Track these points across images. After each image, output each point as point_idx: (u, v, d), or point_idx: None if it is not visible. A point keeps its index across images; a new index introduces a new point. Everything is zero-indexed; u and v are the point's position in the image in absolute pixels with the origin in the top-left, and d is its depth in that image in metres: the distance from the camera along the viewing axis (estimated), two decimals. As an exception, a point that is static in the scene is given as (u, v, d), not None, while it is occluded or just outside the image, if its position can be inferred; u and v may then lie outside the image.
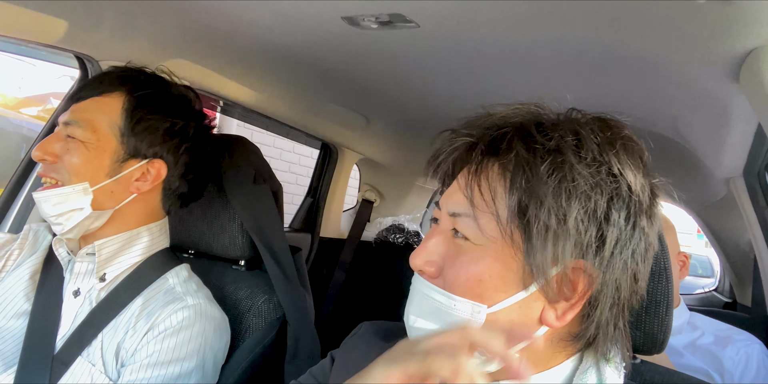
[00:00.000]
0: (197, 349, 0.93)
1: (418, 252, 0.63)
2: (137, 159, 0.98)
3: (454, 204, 0.62)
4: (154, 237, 1.04)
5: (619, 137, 0.60)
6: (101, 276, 0.98)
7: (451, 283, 0.60)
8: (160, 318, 0.93)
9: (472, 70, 1.33)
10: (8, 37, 1.13)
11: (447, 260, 0.61)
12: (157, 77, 1.05)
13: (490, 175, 0.59)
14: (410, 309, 0.63)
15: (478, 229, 0.58)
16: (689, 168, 1.79)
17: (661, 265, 0.77)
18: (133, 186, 0.99)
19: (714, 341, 1.38)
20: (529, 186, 0.56)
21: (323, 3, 1.05)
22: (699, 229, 2.69)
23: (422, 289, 0.62)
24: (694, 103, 1.23)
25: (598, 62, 1.14)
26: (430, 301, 0.60)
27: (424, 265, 0.62)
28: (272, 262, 1.17)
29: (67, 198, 0.94)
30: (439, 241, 0.63)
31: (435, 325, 0.60)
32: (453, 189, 0.64)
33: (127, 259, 1.00)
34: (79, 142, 0.95)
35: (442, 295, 0.60)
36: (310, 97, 1.75)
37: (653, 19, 0.89)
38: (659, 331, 0.77)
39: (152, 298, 0.97)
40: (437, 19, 1.05)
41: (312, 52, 1.36)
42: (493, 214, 0.57)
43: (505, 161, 0.58)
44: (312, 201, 2.31)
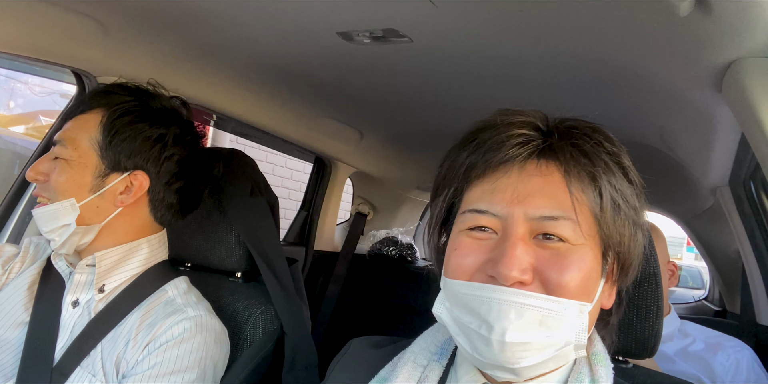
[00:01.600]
0: (198, 361, 0.93)
1: (510, 262, 0.58)
2: (118, 172, 0.99)
3: (542, 206, 0.60)
4: (154, 249, 1.05)
5: None
6: (100, 287, 0.98)
7: (560, 286, 0.58)
8: (161, 330, 0.93)
9: (465, 84, 1.36)
10: (6, 53, 1.14)
11: (544, 265, 0.59)
12: (140, 90, 1.05)
13: (579, 175, 0.61)
14: (504, 324, 0.57)
15: (579, 230, 0.60)
16: (677, 178, 1.82)
17: (651, 270, 0.79)
18: (117, 200, 0.99)
19: (705, 348, 1.40)
20: (614, 184, 0.62)
21: (318, 19, 1.07)
22: (689, 241, 2.73)
23: (520, 300, 0.57)
24: (680, 115, 1.26)
25: (585, 75, 1.17)
26: (533, 311, 0.57)
27: (521, 274, 0.58)
28: (269, 274, 1.18)
29: (56, 214, 0.96)
30: (523, 248, 0.59)
31: (540, 335, 0.57)
32: (530, 189, 0.60)
33: (126, 271, 1.01)
34: (63, 161, 0.97)
35: (551, 301, 0.58)
36: (304, 111, 1.77)
37: (637, 33, 0.92)
38: (650, 335, 0.79)
39: (152, 310, 0.98)
40: (430, 34, 1.08)
41: (306, 67, 1.38)
42: (594, 213, 0.61)
43: (586, 161, 0.62)
44: (306, 214, 2.32)
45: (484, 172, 0.63)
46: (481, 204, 0.62)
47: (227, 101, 1.59)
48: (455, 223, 0.66)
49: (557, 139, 0.62)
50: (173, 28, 1.22)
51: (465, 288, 0.60)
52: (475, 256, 0.61)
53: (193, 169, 1.08)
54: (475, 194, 0.64)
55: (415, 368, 0.70)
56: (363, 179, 2.53)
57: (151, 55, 1.31)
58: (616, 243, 0.62)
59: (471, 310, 0.60)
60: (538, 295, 0.58)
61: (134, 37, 1.25)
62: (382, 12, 1.00)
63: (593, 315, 0.62)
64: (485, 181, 0.63)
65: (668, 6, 0.76)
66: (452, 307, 0.63)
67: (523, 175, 0.61)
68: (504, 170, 0.62)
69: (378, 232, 2.58)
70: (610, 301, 0.66)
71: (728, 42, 0.81)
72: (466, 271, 0.61)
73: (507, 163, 0.62)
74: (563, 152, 0.62)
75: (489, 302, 0.58)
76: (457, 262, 0.62)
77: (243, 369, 1.08)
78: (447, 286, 0.63)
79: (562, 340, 0.58)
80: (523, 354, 0.58)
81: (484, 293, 0.59)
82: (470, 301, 0.60)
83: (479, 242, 0.62)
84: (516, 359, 0.58)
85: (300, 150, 2.16)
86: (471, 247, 0.62)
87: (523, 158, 0.62)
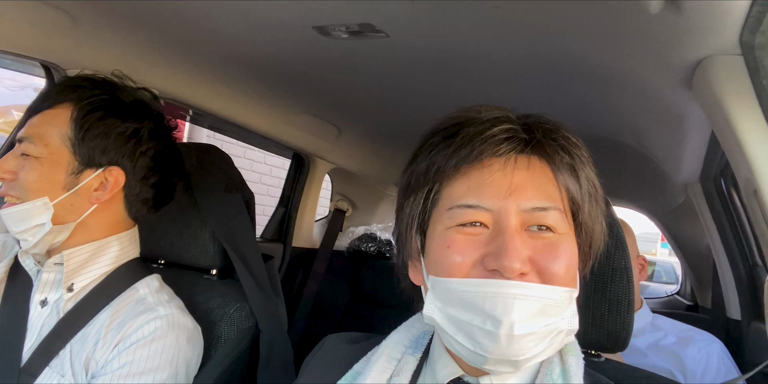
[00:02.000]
0: (170, 360, 0.92)
1: (513, 255, 0.58)
2: (92, 168, 0.96)
3: (537, 200, 0.61)
4: (124, 246, 1.03)
5: None
6: (69, 286, 0.96)
7: (554, 273, 0.60)
8: (131, 329, 0.91)
9: (441, 80, 1.36)
10: (-28, 46, 1.11)
11: (539, 255, 0.60)
12: (108, 83, 1.02)
13: (563, 168, 0.64)
14: (511, 317, 0.57)
15: (565, 220, 0.62)
16: (649, 175, 1.85)
17: (622, 265, 0.80)
18: (92, 197, 0.96)
19: (676, 341, 1.42)
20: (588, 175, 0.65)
21: (294, 12, 1.06)
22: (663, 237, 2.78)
23: (523, 292, 0.58)
24: (652, 112, 1.28)
25: (559, 72, 1.18)
26: (535, 302, 0.58)
27: (523, 266, 0.59)
28: (244, 270, 1.16)
29: (28, 214, 0.92)
30: (521, 240, 0.60)
31: (541, 324, 0.58)
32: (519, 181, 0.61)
33: (95, 269, 0.98)
34: (33, 159, 0.93)
35: (549, 290, 0.59)
36: (282, 107, 1.76)
37: (609, 31, 0.93)
38: (621, 329, 0.80)
39: (122, 309, 0.95)
40: (406, 29, 1.07)
41: (283, 62, 1.37)
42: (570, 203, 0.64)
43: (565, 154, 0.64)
44: (284, 211, 2.31)
45: (469, 168, 0.63)
46: (470, 199, 0.62)
47: (203, 96, 1.56)
48: (438, 221, 0.64)
49: (541, 135, 0.64)
50: (146, 21, 1.20)
51: (463, 285, 0.60)
52: (469, 252, 0.61)
53: (168, 163, 1.06)
54: (459, 190, 0.63)
55: (389, 362, 0.71)
56: (341, 176, 2.53)
57: (122, 48, 1.29)
58: (590, 230, 0.66)
59: (472, 306, 0.59)
60: (538, 286, 0.59)
61: (105, 29, 1.22)
62: (358, 6, 1.00)
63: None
64: (471, 176, 0.63)
65: (639, 4, 0.77)
66: (445, 306, 0.62)
67: (508, 169, 0.62)
68: (489, 165, 0.62)
69: (357, 229, 2.57)
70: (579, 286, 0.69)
71: (698, 39, 0.82)
72: (462, 268, 0.61)
73: (497, 158, 0.62)
74: (547, 146, 0.63)
75: (494, 297, 0.58)
76: (451, 259, 0.61)
77: (217, 367, 1.07)
78: (438, 285, 0.62)
79: (558, 327, 0.60)
80: (529, 345, 0.58)
81: (488, 288, 0.58)
82: (470, 297, 0.59)
83: (472, 238, 0.61)
84: (523, 351, 0.58)
85: (278, 146, 2.14)
86: (464, 243, 0.61)
87: (514, 153, 0.63)
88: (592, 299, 0.80)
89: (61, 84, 1.01)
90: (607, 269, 0.80)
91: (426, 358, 0.72)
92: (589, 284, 0.79)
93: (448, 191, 0.64)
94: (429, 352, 0.73)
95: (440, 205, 0.65)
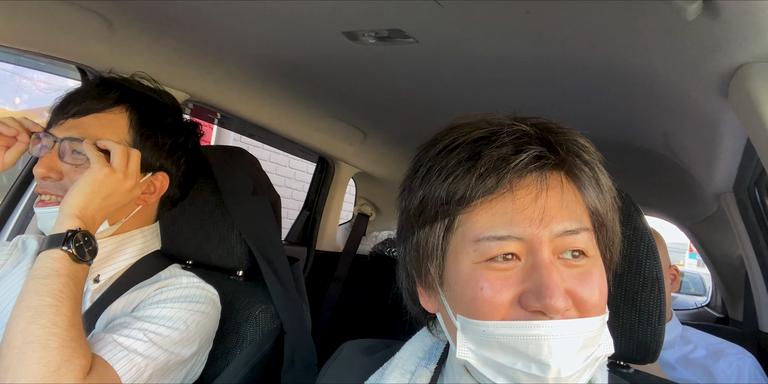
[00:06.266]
0: (190, 312, 0.94)
1: (557, 293, 0.53)
2: (143, 173, 1.00)
3: (568, 222, 0.56)
4: (147, 239, 1.07)
5: None
6: (95, 277, 0.99)
7: (591, 305, 0.56)
8: (153, 291, 0.96)
9: (469, 86, 1.36)
10: (13, 48, 1.14)
11: (575, 286, 0.56)
12: (149, 88, 1.06)
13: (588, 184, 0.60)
14: (559, 361, 0.53)
15: (593, 239, 0.59)
16: (680, 183, 1.81)
17: (654, 275, 0.79)
18: (140, 198, 1.01)
19: (706, 355, 1.39)
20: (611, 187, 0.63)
21: (324, 18, 1.07)
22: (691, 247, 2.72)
23: (566, 332, 0.54)
24: (685, 119, 1.25)
25: (590, 78, 1.17)
26: (579, 339, 0.54)
27: (566, 302, 0.54)
28: (270, 272, 1.17)
29: None
30: (558, 273, 0.55)
31: (583, 358, 0.55)
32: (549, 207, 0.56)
33: (120, 261, 1.02)
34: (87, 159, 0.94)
35: (589, 323, 0.55)
36: (308, 111, 1.77)
37: (644, 36, 0.92)
38: (652, 340, 0.78)
39: (144, 287, 0.99)
40: (435, 35, 1.07)
41: (311, 66, 1.38)
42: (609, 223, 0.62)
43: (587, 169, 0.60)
44: (308, 214, 2.32)
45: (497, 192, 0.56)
46: (499, 229, 0.55)
47: (231, 99, 1.59)
48: (462, 253, 0.58)
49: (562, 150, 0.58)
50: (178, 26, 1.23)
51: (502, 329, 0.55)
52: (505, 291, 0.55)
53: (196, 168, 1.12)
54: (483, 218, 0.57)
55: (403, 375, 0.70)
56: (366, 180, 2.53)
57: (155, 51, 1.32)
58: (611, 243, 0.63)
59: (513, 350, 0.55)
60: (579, 321, 0.54)
61: (139, 33, 1.25)
62: (387, 12, 1.00)
63: None
64: (495, 202, 0.56)
65: (675, 9, 0.76)
66: (480, 349, 0.57)
67: (533, 192, 0.56)
68: (521, 189, 0.56)
69: (380, 233, 2.58)
70: None
71: (735, 46, 0.80)
72: (500, 310, 0.55)
73: (526, 180, 0.56)
74: (573, 166, 0.59)
75: (537, 340, 0.53)
76: (485, 301, 0.55)
77: (242, 367, 1.08)
78: (471, 327, 0.57)
79: (598, 355, 0.57)
80: (576, 380, 0.55)
81: (531, 331, 0.54)
82: (511, 342, 0.54)
83: (505, 274, 0.56)
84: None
85: (303, 150, 2.16)
86: (498, 282, 0.55)
87: (544, 177, 0.57)
88: (622, 309, 0.78)
89: (106, 86, 1.02)
90: (638, 279, 0.79)
91: (440, 370, 0.71)
92: (619, 294, 0.78)
93: (469, 219, 0.57)
94: (444, 364, 0.72)
95: (461, 234, 0.58)
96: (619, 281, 0.75)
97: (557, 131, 0.60)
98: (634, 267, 0.76)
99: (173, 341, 0.88)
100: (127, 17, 1.19)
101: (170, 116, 1.06)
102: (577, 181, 0.59)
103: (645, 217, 0.80)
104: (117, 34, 1.22)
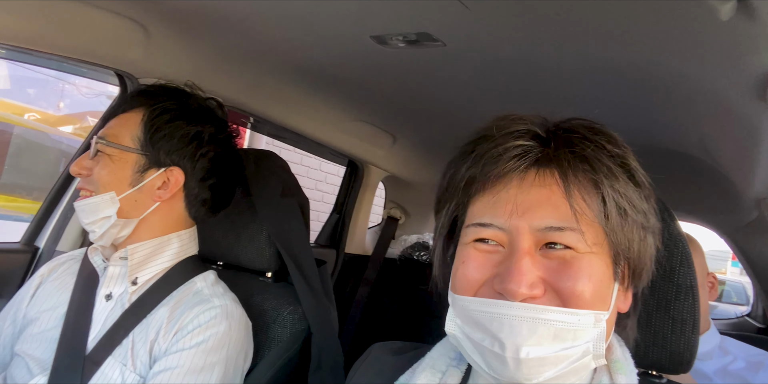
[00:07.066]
0: (222, 345, 0.97)
1: (517, 279, 0.56)
2: (156, 168, 1.03)
3: (546, 217, 0.58)
4: (184, 244, 1.09)
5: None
6: (133, 280, 1.02)
7: (573, 293, 0.57)
8: (188, 318, 0.97)
9: (498, 88, 1.35)
10: (52, 55, 1.19)
11: (554, 275, 0.58)
12: (178, 91, 1.10)
13: (581, 183, 0.59)
14: (517, 340, 0.56)
15: (584, 240, 0.58)
16: (718, 189, 1.76)
17: (687, 282, 0.76)
18: (155, 195, 1.04)
19: (746, 366, 1.34)
20: (619, 189, 0.60)
21: (353, 23, 1.08)
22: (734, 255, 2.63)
23: (531, 315, 0.56)
24: (722, 122, 1.22)
25: (623, 80, 1.14)
26: (548, 325, 0.56)
27: (531, 289, 0.56)
28: (298, 274, 1.19)
29: (97, 206, 1.00)
30: (531, 262, 0.58)
31: (555, 348, 0.56)
32: (534, 199, 0.59)
33: (157, 264, 1.05)
34: (105, 156, 1.02)
35: (564, 313, 0.56)
36: (338, 114, 1.79)
37: (677, 37, 0.90)
38: (685, 350, 0.76)
39: (182, 300, 1.01)
40: (463, 38, 1.07)
41: (341, 70, 1.40)
42: (600, 222, 0.59)
43: (587, 167, 0.60)
44: (338, 217, 2.33)
45: (483, 185, 0.62)
46: (484, 217, 0.61)
47: (263, 104, 1.61)
48: (461, 237, 0.64)
49: (555, 148, 0.60)
50: (211, 32, 1.25)
51: (474, 304, 0.59)
52: (482, 269, 0.60)
53: (226, 167, 1.12)
54: (477, 207, 0.63)
55: (434, 374, 0.70)
56: (395, 183, 2.53)
57: (190, 57, 1.35)
58: (625, 249, 0.60)
59: (482, 326, 0.58)
60: (551, 309, 0.56)
61: (174, 40, 1.28)
62: (415, 16, 1.01)
63: (611, 322, 0.60)
64: (486, 194, 0.62)
65: (709, 10, 0.74)
66: (463, 323, 0.61)
67: (524, 186, 0.60)
68: (504, 183, 0.61)
69: (409, 237, 2.57)
70: (626, 304, 0.65)
71: (773, 47, 0.78)
72: (473, 285, 0.60)
73: (506, 176, 0.60)
74: (562, 160, 0.60)
75: (500, 319, 0.57)
76: (463, 275, 0.61)
77: (269, 368, 1.09)
78: (456, 302, 0.62)
79: (579, 352, 0.57)
80: (540, 369, 0.56)
81: (494, 309, 0.57)
82: (480, 317, 0.58)
83: (487, 255, 0.61)
84: (533, 375, 0.56)
85: (333, 153, 2.18)
86: (479, 260, 0.61)
87: (521, 170, 0.60)
88: (654, 318, 0.76)
89: (136, 91, 1.11)
90: (671, 287, 0.76)
91: (471, 370, 0.71)
92: (651, 302, 0.76)
93: (470, 208, 0.64)
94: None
95: (464, 221, 0.64)
96: (652, 289, 0.73)
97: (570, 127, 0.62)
98: (668, 274, 0.74)
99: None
100: (162, 24, 1.23)
101: (186, 113, 1.07)
102: (564, 178, 0.59)
103: (679, 223, 0.78)
104: (153, 40, 1.26)
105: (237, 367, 1.01)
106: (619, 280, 0.62)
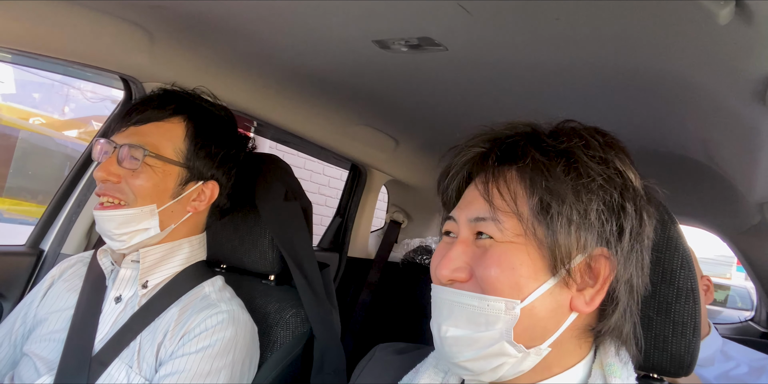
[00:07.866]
0: (228, 350, 0.97)
1: (443, 263, 0.63)
2: (196, 181, 1.06)
3: (476, 210, 0.64)
4: (194, 249, 1.10)
5: (614, 140, 0.66)
6: (144, 283, 1.03)
7: (486, 279, 0.60)
8: (195, 322, 0.98)
9: (500, 92, 1.36)
10: (58, 59, 1.20)
11: (475, 262, 0.62)
12: (211, 103, 1.13)
13: (509, 178, 0.64)
14: (439, 320, 0.62)
15: (503, 229, 0.61)
16: (721, 193, 1.76)
17: (688, 286, 0.77)
18: (190, 205, 1.06)
19: (748, 372, 1.33)
20: (549, 186, 0.61)
21: (355, 27, 1.09)
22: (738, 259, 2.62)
23: (449, 298, 0.62)
24: (723, 126, 1.22)
25: (623, 84, 1.15)
26: (461, 308, 0.61)
27: (453, 273, 0.62)
28: (300, 277, 1.19)
29: (134, 218, 1.00)
30: (460, 249, 0.64)
31: (468, 330, 0.60)
32: (471, 197, 0.66)
33: (167, 269, 1.06)
34: (146, 166, 1.00)
35: (473, 298, 0.60)
36: (340, 119, 1.80)
37: (676, 42, 0.91)
38: (686, 352, 0.76)
39: (189, 305, 1.02)
40: (465, 42, 1.08)
41: (343, 75, 1.41)
42: (515, 213, 0.61)
43: (522, 165, 0.63)
44: (340, 221, 2.34)
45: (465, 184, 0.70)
46: (452, 212, 0.68)
47: (267, 108, 1.62)
48: None
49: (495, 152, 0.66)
50: (216, 37, 1.27)
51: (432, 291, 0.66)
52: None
53: (242, 176, 1.17)
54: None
55: (437, 373, 0.72)
56: (398, 187, 2.54)
57: (194, 62, 1.36)
58: (550, 243, 0.60)
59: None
60: (463, 293, 0.61)
61: (179, 44, 1.29)
62: (417, 20, 1.01)
63: (536, 314, 0.60)
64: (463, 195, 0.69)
65: (707, 14, 0.74)
66: None
67: (472, 185, 0.67)
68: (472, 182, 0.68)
69: (412, 241, 2.57)
70: (589, 306, 0.62)
71: (772, 52, 0.78)
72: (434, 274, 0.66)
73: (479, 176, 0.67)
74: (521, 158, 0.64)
75: (435, 302, 0.64)
76: (431, 265, 0.67)
77: (272, 371, 1.10)
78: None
79: (491, 336, 0.59)
80: (458, 349, 0.61)
81: (433, 293, 0.65)
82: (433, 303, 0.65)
83: (449, 246, 0.66)
84: (453, 354, 0.61)
85: (336, 157, 2.18)
86: (441, 251, 0.67)
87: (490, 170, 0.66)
88: (655, 321, 0.77)
89: (168, 98, 1.08)
90: (671, 289, 0.77)
91: None
92: (652, 305, 0.76)
93: None
94: None
95: None
96: (653, 291, 0.73)
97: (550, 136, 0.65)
98: (668, 277, 0.75)
99: None
100: (167, 29, 1.24)
101: (225, 128, 1.11)
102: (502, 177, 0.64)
103: (679, 226, 0.79)
104: (157, 45, 1.27)
105: (243, 373, 1.01)
106: (562, 276, 0.61)
